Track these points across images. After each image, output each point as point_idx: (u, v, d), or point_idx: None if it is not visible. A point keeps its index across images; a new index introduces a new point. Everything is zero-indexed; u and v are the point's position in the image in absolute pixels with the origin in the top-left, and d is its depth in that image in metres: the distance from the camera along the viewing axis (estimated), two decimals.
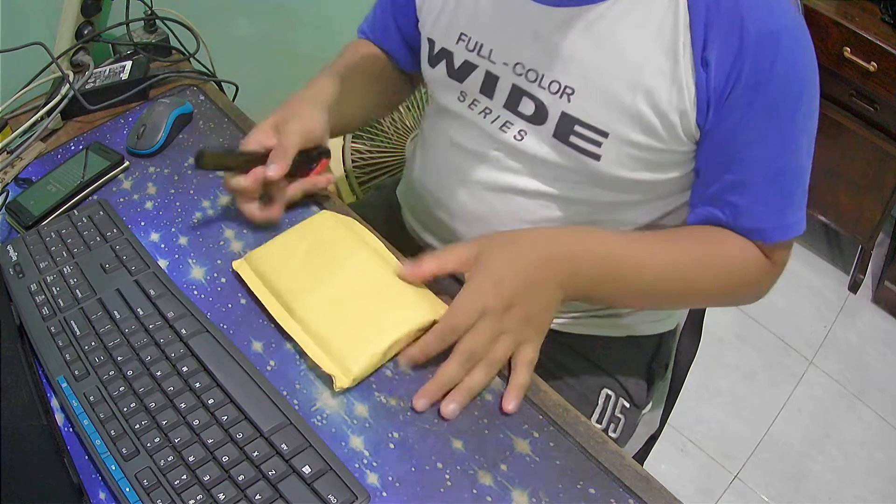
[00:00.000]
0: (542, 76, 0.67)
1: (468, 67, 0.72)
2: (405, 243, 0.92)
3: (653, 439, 0.95)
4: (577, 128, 0.66)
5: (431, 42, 0.75)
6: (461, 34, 0.72)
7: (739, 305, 0.73)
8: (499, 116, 0.71)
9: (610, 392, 0.81)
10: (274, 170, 0.67)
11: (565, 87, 0.66)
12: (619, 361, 0.83)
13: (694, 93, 0.61)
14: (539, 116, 0.68)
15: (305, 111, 0.72)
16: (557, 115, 0.67)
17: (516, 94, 0.69)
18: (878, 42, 1.36)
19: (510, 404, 0.59)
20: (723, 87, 0.60)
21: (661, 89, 0.62)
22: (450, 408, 0.58)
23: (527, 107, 0.69)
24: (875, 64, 1.38)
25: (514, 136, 0.71)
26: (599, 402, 0.80)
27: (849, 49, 1.40)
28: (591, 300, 0.67)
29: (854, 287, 1.81)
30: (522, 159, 0.72)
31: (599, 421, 0.80)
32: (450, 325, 0.59)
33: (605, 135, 0.65)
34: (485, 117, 0.72)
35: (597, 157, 0.66)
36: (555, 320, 0.83)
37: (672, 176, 0.68)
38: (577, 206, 0.72)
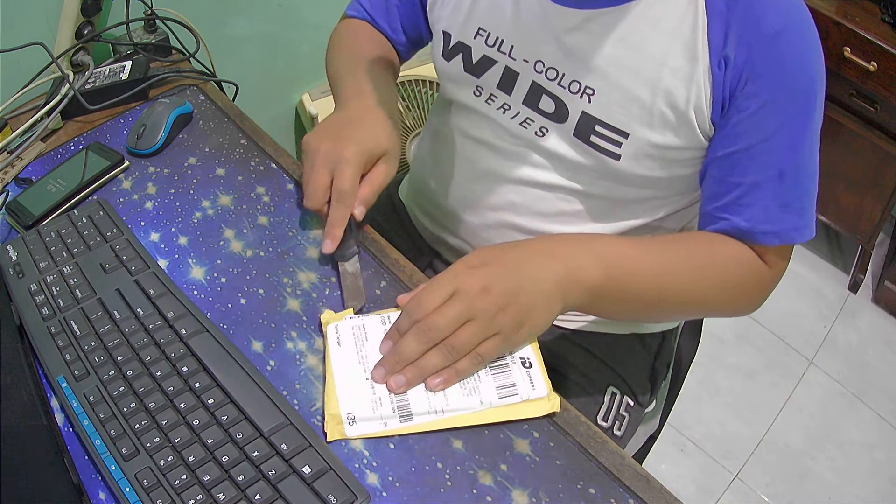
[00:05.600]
0: (563, 75, 0.67)
1: (486, 62, 0.72)
2: (409, 243, 0.92)
3: (652, 439, 0.95)
4: (598, 128, 0.66)
5: (447, 36, 0.74)
6: (479, 29, 0.71)
7: (736, 315, 0.71)
8: (518, 112, 0.71)
9: (615, 390, 0.81)
10: (361, 213, 0.67)
11: (585, 87, 0.66)
12: (625, 359, 0.84)
13: (710, 91, 0.61)
14: (559, 115, 0.68)
15: (393, 145, 0.68)
16: (578, 114, 0.67)
17: (536, 92, 0.69)
18: (878, 42, 1.36)
19: (432, 382, 0.56)
20: (737, 83, 0.60)
21: (680, 89, 0.62)
22: (397, 379, 0.56)
23: (547, 105, 0.69)
24: (875, 64, 1.38)
25: (536, 133, 0.71)
26: (605, 399, 0.80)
27: (849, 49, 1.40)
28: (586, 307, 0.63)
29: (854, 287, 1.81)
30: (543, 155, 0.72)
31: (605, 419, 0.80)
32: (416, 300, 0.57)
33: (625, 135, 0.65)
34: (504, 113, 0.73)
35: (616, 157, 0.67)
36: (562, 318, 0.83)
37: (691, 171, 0.68)
38: (594, 201, 0.73)
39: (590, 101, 0.66)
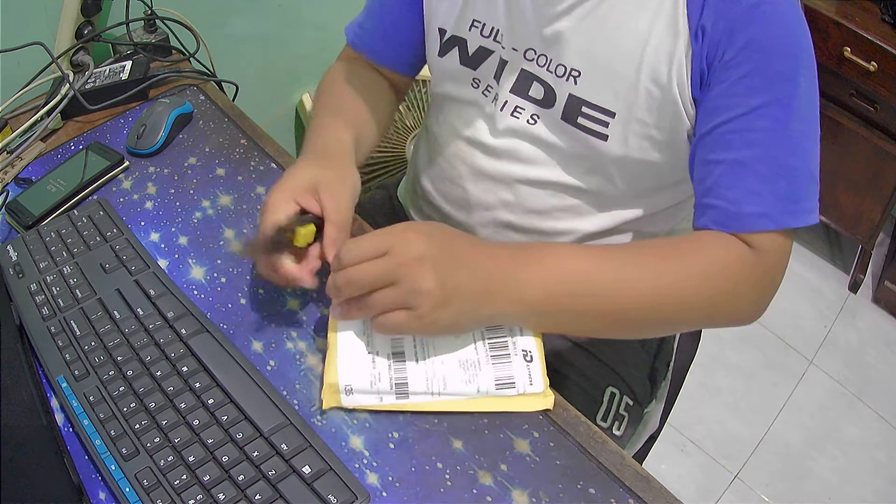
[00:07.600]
0: (550, 60, 0.68)
1: (483, 53, 0.73)
2: None
3: (652, 439, 0.95)
4: (585, 109, 0.67)
5: (442, 31, 0.75)
6: (474, 21, 0.72)
7: (729, 322, 0.63)
8: (507, 102, 0.72)
9: (615, 390, 0.81)
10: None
11: (571, 69, 0.66)
12: (624, 359, 0.84)
13: (689, 65, 0.61)
14: (548, 100, 0.69)
15: (348, 174, 0.65)
16: (565, 97, 0.68)
17: (526, 79, 0.70)
18: (878, 42, 1.36)
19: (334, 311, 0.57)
20: (714, 53, 0.59)
21: (663, 65, 0.62)
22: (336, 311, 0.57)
23: (537, 91, 0.70)
24: (875, 64, 1.38)
25: (528, 121, 0.71)
26: (605, 400, 0.80)
27: (849, 49, 1.40)
28: (527, 322, 0.60)
29: (854, 287, 1.81)
30: (536, 144, 0.72)
31: (604, 419, 0.80)
32: (349, 245, 0.55)
33: (611, 114, 0.66)
34: (495, 103, 0.73)
35: (604, 138, 0.67)
36: None
37: (678, 158, 0.67)
38: (586, 197, 0.73)
39: (575, 82, 0.66)
